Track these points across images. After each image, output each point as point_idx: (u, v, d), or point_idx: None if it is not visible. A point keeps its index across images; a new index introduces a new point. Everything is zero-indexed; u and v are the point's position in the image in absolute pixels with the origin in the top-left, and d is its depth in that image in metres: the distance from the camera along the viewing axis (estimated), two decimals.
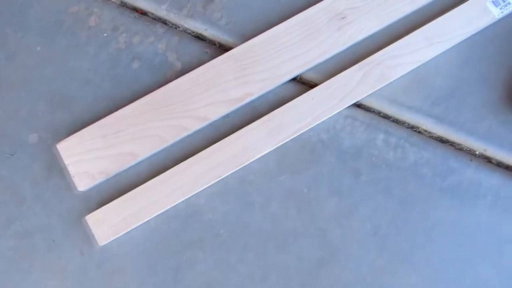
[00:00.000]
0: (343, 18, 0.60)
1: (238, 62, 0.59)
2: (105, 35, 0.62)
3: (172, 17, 0.63)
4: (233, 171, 0.57)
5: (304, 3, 0.62)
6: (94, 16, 0.63)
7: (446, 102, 0.60)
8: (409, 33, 0.60)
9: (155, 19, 0.63)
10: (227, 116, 0.59)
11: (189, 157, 0.57)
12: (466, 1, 0.61)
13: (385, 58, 0.59)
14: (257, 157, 0.57)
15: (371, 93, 0.59)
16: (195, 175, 0.57)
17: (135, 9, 0.64)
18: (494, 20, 0.61)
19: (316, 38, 0.60)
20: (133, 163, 0.57)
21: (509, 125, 0.60)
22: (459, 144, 0.60)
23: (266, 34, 0.60)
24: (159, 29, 0.63)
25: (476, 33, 0.61)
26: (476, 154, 0.59)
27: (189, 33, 0.62)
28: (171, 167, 0.57)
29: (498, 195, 0.58)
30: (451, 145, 0.60)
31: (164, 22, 0.63)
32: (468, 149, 0.60)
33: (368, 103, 0.60)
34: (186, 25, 0.63)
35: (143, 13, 0.63)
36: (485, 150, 0.60)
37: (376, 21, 0.60)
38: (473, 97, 0.61)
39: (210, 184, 0.56)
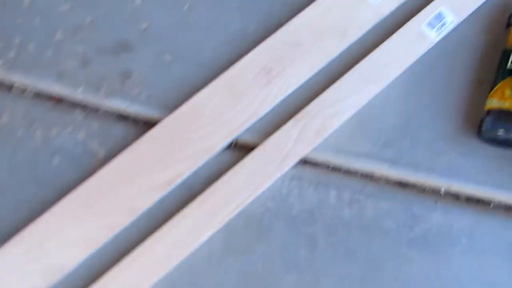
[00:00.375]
0: (270, 71, 0.55)
1: (163, 139, 0.54)
2: (19, 133, 0.57)
3: (90, 99, 0.58)
4: (177, 262, 0.51)
5: (226, 62, 0.57)
6: (6, 113, 0.58)
7: (398, 142, 0.55)
8: (343, 75, 0.55)
9: (73, 105, 0.58)
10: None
11: (126, 256, 0.51)
12: (398, 30, 0.56)
13: (322, 107, 0.54)
14: (200, 242, 0.52)
15: (314, 147, 0.54)
16: (135, 275, 0.51)
17: (50, 98, 0.59)
18: (432, 44, 0.56)
19: (244, 98, 0.55)
20: (63, 275, 0.51)
21: (471, 155, 0.55)
22: (420, 186, 0.54)
23: (189, 104, 0.55)
24: (78, 115, 0.58)
25: (416, 61, 0.56)
26: (441, 193, 0.54)
27: (110, 115, 0.57)
28: (107, 271, 0.51)
29: (473, 236, 0.53)
30: (412, 188, 0.54)
31: (82, 106, 0.58)
32: (431, 189, 0.54)
33: (314, 157, 0.55)
34: (105, 106, 0.58)
35: (59, 100, 0.59)
36: (450, 187, 0.54)
37: (305, 69, 0.55)
38: (426, 131, 0.56)
39: (153, 282, 0.51)
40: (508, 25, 0.56)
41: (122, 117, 0.57)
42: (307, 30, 0.56)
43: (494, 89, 0.53)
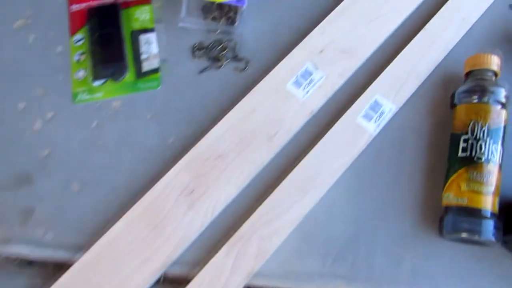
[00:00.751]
0: (192, 192, 0.49)
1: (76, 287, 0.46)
2: None
3: None
4: None
5: (143, 183, 0.51)
6: None
7: (352, 252, 0.49)
8: (277, 186, 0.49)
9: None
10: None
11: None
12: (332, 126, 0.52)
13: (257, 226, 0.48)
14: None
15: (255, 273, 0.47)
16: None
17: None
18: (372, 137, 0.52)
19: (167, 226, 0.48)
20: None
21: (436, 256, 0.49)
22: None
23: (104, 240, 0.48)
24: None
25: (357, 157, 0.51)
26: None
27: (10, 263, 0.49)
28: None
29: None
30: None
31: None
32: None
33: (256, 283, 0.48)
34: (4, 253, 0.50)
35: None
36: None
37: (232, 184, 0.50)
38: (381, 235, 0.50)
39: None
40: (452, 106, 0.52)
41: (26, 265, 0.49)
42: (230, 138, 0.51)
43: (449, 181, 0.48)
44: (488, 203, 0.45)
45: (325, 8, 0.58)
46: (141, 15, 0.58)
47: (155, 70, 0.56)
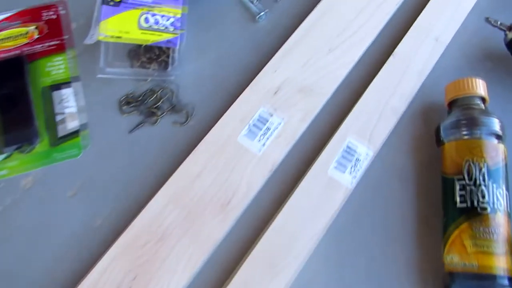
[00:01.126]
0: None
1: None
2: None
3: None
4: None
5: (64, 283, 0.41)
6: None
7: None
8: (238, 270, 0.40)
9: None
10: None
11: None
12: (298, 184, 0.43)
13: None
14: None
15: None
16: None
17: None
18: (349, 192, 0.43)
19: None
20: None
21: None
22: None
23: None
24: None
25: (336, 216, 0.43)
26: None
27: None
28: None
29: None
30: None
31: None
32: None
33: None
34: None
35: None
36: None
37: (179, 275, 0.40)
38: None
39: None
40: (439, 144, 0.45)
41: None
42: (174, 212, 0.42)
43: (450, 240, 0.40)
44: (503, 265, 0.37)
45: (275, 41, 0.50)
46: (54, 67, 0.49)
47: (74, 134, 0.46)
